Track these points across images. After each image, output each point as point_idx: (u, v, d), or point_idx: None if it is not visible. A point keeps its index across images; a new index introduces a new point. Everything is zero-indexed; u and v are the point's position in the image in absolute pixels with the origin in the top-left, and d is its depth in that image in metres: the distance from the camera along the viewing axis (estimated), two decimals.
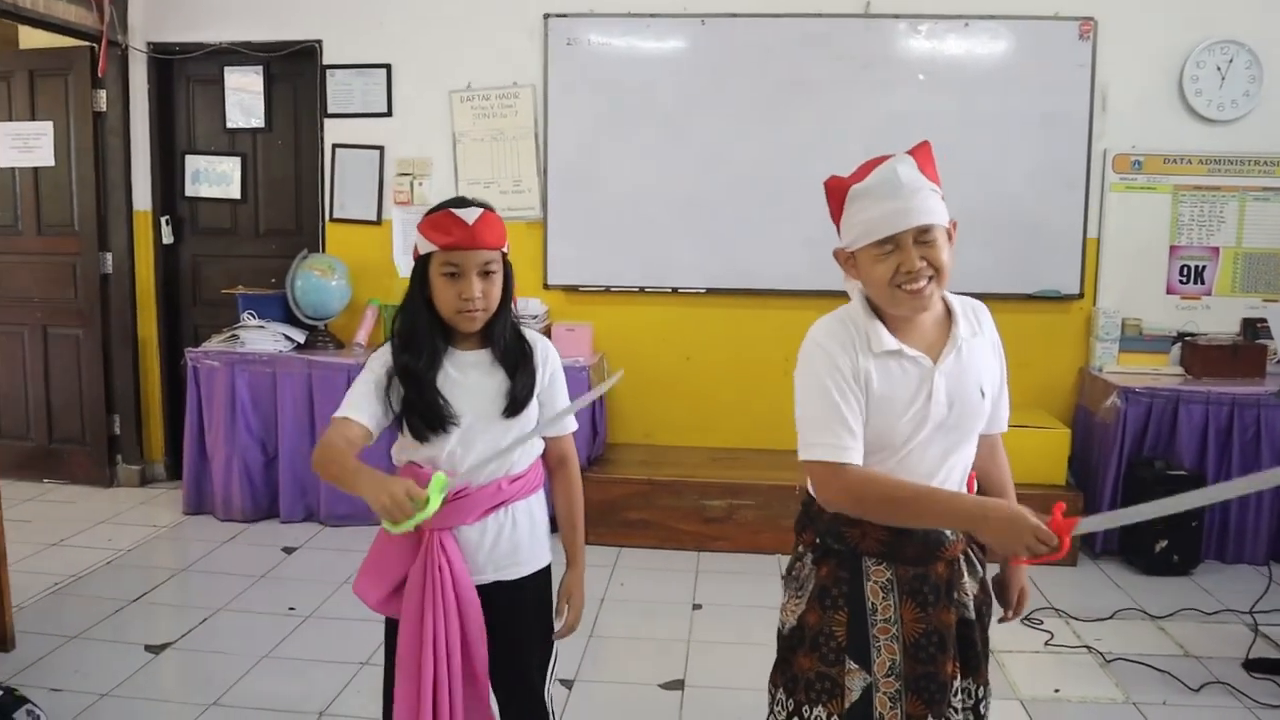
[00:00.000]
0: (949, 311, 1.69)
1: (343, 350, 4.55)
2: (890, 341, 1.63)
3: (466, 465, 1.80)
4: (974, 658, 1.69)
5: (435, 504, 1.64)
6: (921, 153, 1.67)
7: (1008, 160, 4.39)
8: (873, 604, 1.64)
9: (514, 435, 1.82)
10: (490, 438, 1.81)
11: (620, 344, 4.66)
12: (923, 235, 1.60)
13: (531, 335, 1.90)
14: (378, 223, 4.75)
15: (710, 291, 4.60)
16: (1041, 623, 3.47)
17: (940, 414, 1.61)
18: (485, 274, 1.79)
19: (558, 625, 1.94)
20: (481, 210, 1.80)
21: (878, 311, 1.65)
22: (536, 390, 1.86)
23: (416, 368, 1.80)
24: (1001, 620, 1.88)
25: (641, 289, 4.60)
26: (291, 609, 3.48)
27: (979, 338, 1.68)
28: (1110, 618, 3.52)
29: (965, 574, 1.69)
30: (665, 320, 4.66)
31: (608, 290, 4.62)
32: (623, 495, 4.18)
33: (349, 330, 4.69)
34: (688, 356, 4.68)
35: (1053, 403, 4.51)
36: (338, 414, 1.81)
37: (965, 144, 4.38)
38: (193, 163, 4.99)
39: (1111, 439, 4.05)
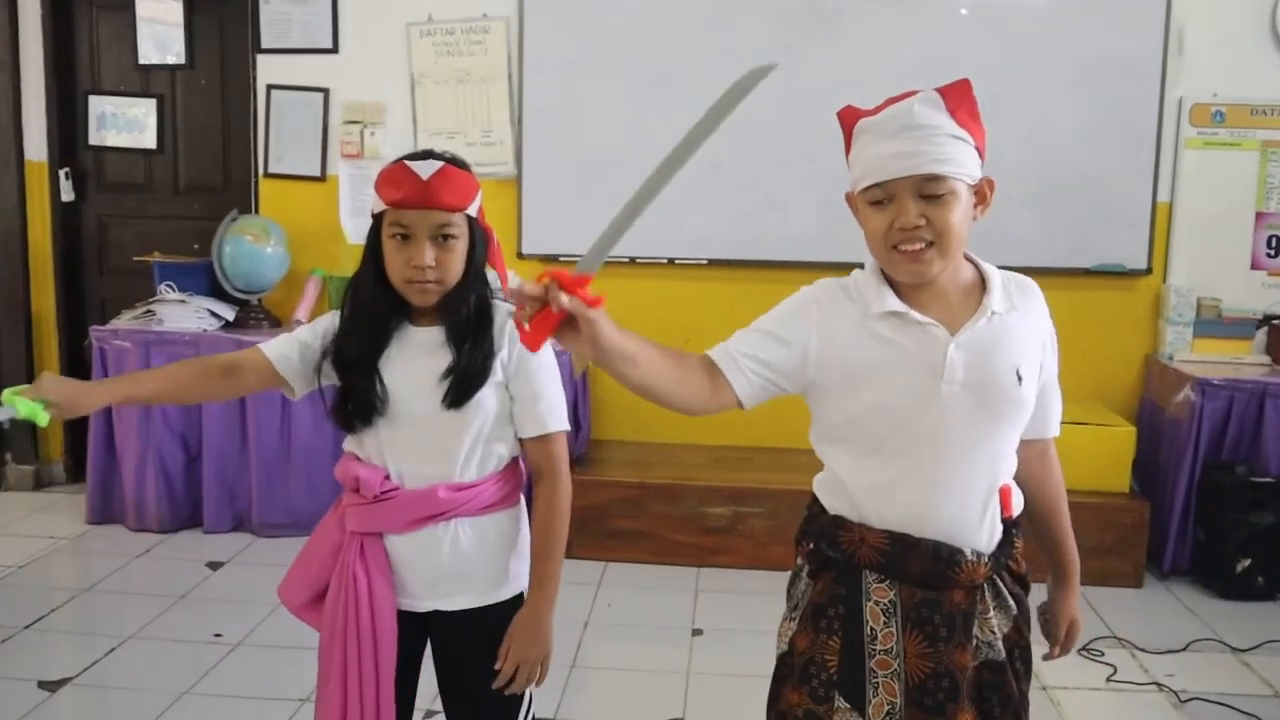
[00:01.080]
0: (984, 282, 1.63)
1: (280, 329, 4.49)
2: (893, 302, 1.59)
3: (403, 470, 1.82)
4: (999, 711, 1.61)
5: (16, 407, 1.64)
6: (956, 91, 1.58)
7: (1063, 112, 4.37)
8: (872, 629, 1.58)
9: (461, 431, 1.78)
10: (423, 433, 1.79)
11: None
12: (929, 187, 1.52)
13: (503, 311, 1.84)
14: (321, 179, 4.71)
15: (713, 263, 4.58)
16: (1103, 654, 3.45)
17: (953, 393, 1.54)
18: (441, 239, 1.76)
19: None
20: (442, 164, 1.77)
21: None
22: (498, 377, 1.79)
23: (353, 357, 1.80)
24: (1046, 657, 1.85)
25: (633, 260, 4.57)
26: (217, 636, 3.45)
27: (1018, 314, 1.61)
28: (1184, 650, 3.51)
29: (991, 607, 1.62)
30: (660, 296, 4.63)
31: None
32: (609, 501, 4.15)
33: (287, 306, 4.65)
34: (686, 339, 4.64)
35: (1114, 396, 4.51)
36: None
37: (1012, 92, 4.36)
38: (98, 105, 4.94)
39: (1184, 439, 4.05)
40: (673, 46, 4.46)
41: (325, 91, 4.66)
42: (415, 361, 1.79)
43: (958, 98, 1.58)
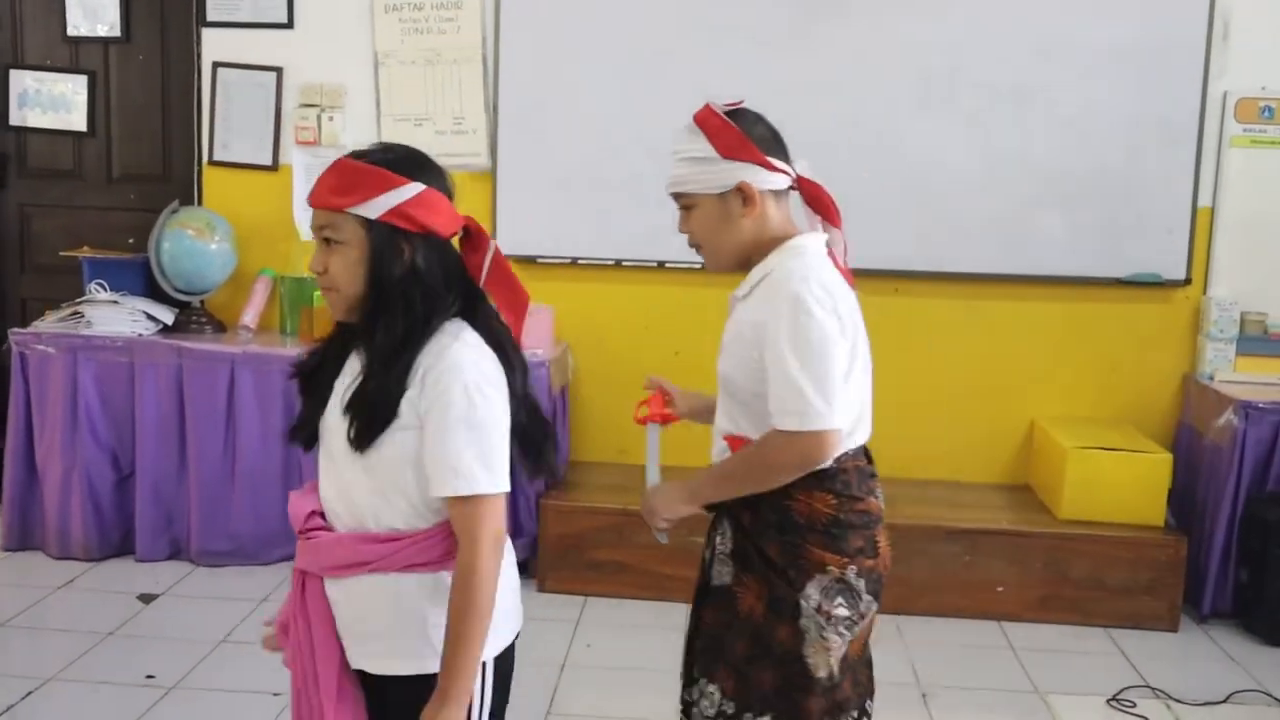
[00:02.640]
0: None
1: (224, 335, 4.51)
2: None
3: (330, 508, 1.86)
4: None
5: None
6: (699, 115, 2.21)
7: (1093, 106, 4.41)
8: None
9: (364, 476, 1.78)
10: (338, 472, 1.81)
11: (589, 332, 4.65)
12: (679, 201, 2.20)
13: (439, 345, 1.77)
14: (273, 168, 4.71)
15: (702, 267, 4.57)
16: (1134, 705, 3.47)
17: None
18: (324, 241, 1.80)
19: None
20: (341, 157, 1.81)
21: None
22: (409, 420, 1.75)
23: (309, 369, 1.92)
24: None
25: (618, 262, 4.58)
26: (150, 678, 3.44)
27: (747, 304, 2.15)
28: (1224, 701, 3.54)
29: (717, 536, 2.29)
30: (648, 303, 4.64)
31: (574, 263, 4.60)
32: (589, 529, 4.15)
33: (233, 309, 4.64)
34: (676, 350, 4.66)
35: (1148, 420, 4.54)
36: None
37: (1038, 85, 4.41)
38: (19, 80, 4.95)
39: (1226, 468, 4.08)
40: (663, 30, 4.49)
41: (278, 71, 4.65)
42: (340, 390, 1.82)
43: (700, 117, 2.22)
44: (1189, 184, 4.42)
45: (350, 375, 1.81)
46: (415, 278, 1.78)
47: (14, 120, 4.95)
